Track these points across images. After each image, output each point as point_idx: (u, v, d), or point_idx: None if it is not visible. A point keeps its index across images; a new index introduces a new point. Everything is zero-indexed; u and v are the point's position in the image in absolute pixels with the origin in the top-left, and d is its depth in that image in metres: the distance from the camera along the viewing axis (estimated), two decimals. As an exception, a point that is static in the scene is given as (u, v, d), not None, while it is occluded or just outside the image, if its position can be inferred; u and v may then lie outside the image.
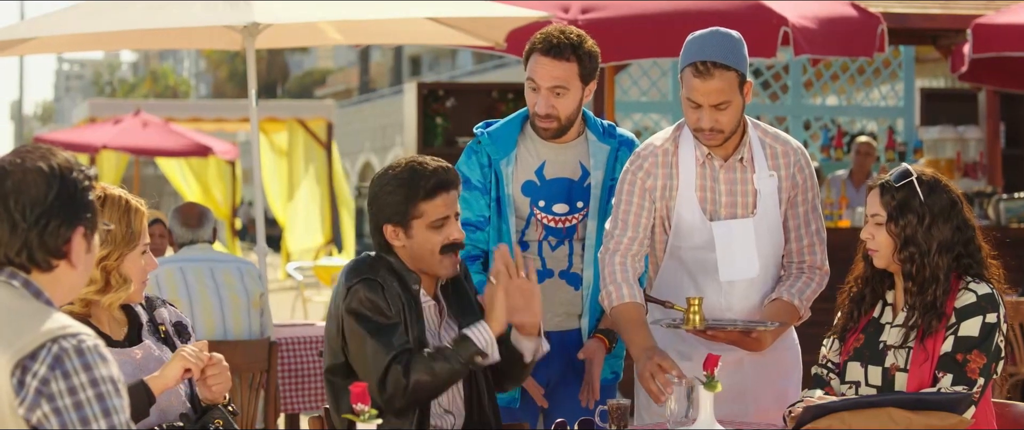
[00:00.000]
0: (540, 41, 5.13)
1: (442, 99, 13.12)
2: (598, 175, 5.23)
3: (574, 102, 5.15)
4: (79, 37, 8.12)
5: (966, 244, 4.49)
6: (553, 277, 5.23)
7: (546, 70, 5.11)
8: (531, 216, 5.22)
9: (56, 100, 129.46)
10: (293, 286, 20.16)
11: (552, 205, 5.22)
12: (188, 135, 20.98)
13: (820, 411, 4.17)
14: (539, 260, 5.23)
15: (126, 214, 4.08)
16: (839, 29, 10.04)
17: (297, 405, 7.62)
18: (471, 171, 5.24)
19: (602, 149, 5.25)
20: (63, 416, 2.67)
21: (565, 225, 5.23)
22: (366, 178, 43.73)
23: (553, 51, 5.10)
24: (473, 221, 5.21)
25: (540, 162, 5.23)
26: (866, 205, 4.59)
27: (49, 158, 2.89)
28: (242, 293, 7.09)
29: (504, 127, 5.27)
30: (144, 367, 4.09)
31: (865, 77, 13.76)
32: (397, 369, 4.33)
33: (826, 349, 4.67)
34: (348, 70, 66.13)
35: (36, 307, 2.81)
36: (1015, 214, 11.04)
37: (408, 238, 4.48)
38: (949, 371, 4.35)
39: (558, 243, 5.23)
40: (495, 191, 5.21)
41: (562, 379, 5.25)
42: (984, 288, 4.44)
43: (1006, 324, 4.46)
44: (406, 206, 4.46)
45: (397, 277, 4.50)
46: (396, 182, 4.47)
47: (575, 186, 5.24)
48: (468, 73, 44.16)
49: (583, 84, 5.14)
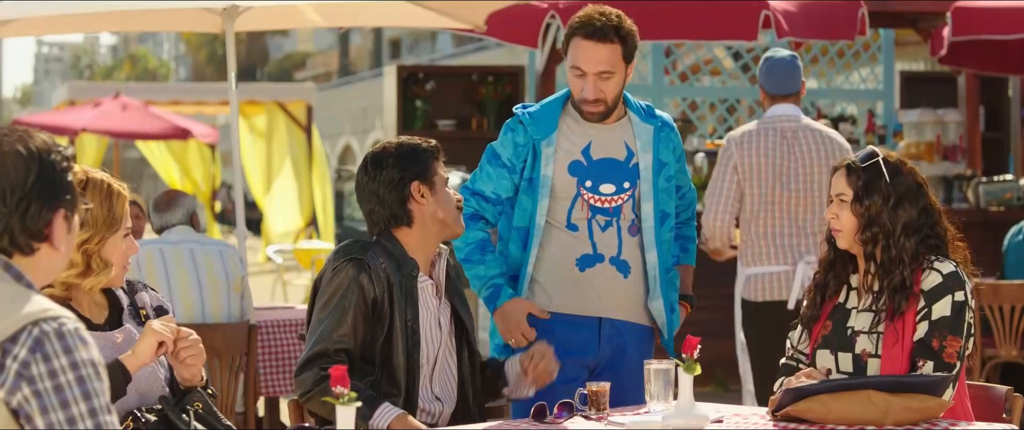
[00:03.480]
0: (581, 25, 5.11)
1: (422, 82, 13.11)
2: (646, 157, 5.21)
3: (619, 84, 5.15)
4: (58, 19, 8.08)
5: (932, 226, 4.50)
6: (604, 262, 5.21)
7: (591, 54, 5.09)
8: (577, 196, 5.19)
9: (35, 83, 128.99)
10: (273, 269, 20.14)
11: (599, 185, 5.19)
12: (168, 118, 20.92)
13: (800, 394, 4.18)
14: (590, 244, 5.20)
15: (108, 197, 4.07)
16: (820, 12, 10.06)
17: (277, 388, 7.62)
18: (503, 148, 5.23)
19: (646, 130, 5.24)
20: (43, 399, 2.67)
21: (612, 205, 5.19)
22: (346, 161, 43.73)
23: (597, 34, 5.08)
24: (488, 195, 5.23)
25: (586, 143, 5.20)
26: (830, 185, 4.60)
27: (27, 141, 2.88)
28: (222, 276, 7.07)
29: (546, 108, 5.25)
30: (124, 351, 4.08)
31: (845, 60, 13.76)
32: (317, 371, 4.46)
33: (793, 340, 4.68)
34: (328, 53, 65.98)
35: (17, 290, 2.80)
36: (994, 197, 11.07)
37: (433, 194, 4.64)
38: (928, 358, 4.36)
39: (607, 223, 5.20)
40: (529, 171, 5.19)
41: (610, 365, 5.21)
42: (948, 266, 4.44)
43: (974, 300, 4.47)
44: (429, 163, 4.68)
45: (393, 261, 4.55)
46: (411, 145, 4.69)
47: (622, 166, 5.21)
48: (448, 56, 44.09)
49: (626, 65, 5.15)
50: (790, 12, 9.75)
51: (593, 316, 5.20)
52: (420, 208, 4.63)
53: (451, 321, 4.73)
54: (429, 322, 4.63)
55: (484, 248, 5.19)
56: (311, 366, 4.47)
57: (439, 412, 4.64)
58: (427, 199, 4.64)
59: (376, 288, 4.51)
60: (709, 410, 4.38)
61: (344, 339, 4.49)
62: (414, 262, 4.62)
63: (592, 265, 5.18)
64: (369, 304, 4.51)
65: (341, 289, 4.52)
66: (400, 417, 4.38)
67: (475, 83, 13.14)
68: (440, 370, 4.67)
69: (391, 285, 4.53)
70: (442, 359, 4.68)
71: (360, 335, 4.50)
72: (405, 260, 4.60)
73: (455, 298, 4.75)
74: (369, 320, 4.51)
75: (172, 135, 20.75)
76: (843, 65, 13.87)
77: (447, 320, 4.71)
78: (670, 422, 4.21)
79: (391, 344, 4.53)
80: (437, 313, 4.66)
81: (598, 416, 4.41)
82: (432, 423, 4.61)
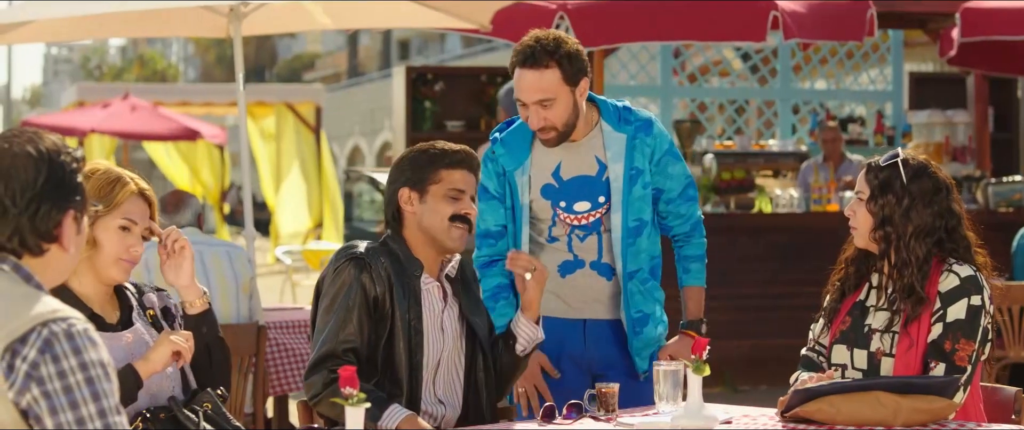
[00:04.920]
0: (518, 53, 4.99)
1: (431, 83, 13.13)
2: (616, 168, 5.12)
3: (566, 108, 5.00)
4: (65, 27, 8.11)
5: (949, 231, 4.49)
6: (584, 267, 5.19)
7: (528, 83, 4.97)
8: (554, 217, 5.17)
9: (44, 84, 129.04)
10: (282, 270, 20.14)
11: (573, 204, 5.15)
12: (176, 119, 20.95)
13: (809, 395, 4.18)
14: (570, 253, 5.18)
15: (111, 182, 4.11)
16: (829, 13, 10.07)
17: (286, 388, 7.62)
18: (488, 180, 5.19)
19: (618, 139, 5.14)
20: (52, 399, 2.67)
21: (589, 221, 5.16)
22: (355, 162, 43.75)
23: (531, 61, 4.95)
24: (493, 231, 5.21)
25: (556, 164, 5.15)
26: (857, 183, 4.63)
27: (37, 142, 2.88)
28: (231, 277, 7.08)
29: (516, 134, 5.18)
30: (134, 351, 4.09)
31: (854, 61, 13.75)
32: (326, 374, 4.45)
33: (815, 331, 4.68)
34: (337, 54, 66.02)
35: (26, 291, 2.80)
36: (1003, 198, 11.07)
37: (421, 203, 4.58)
38: (940, 359, 4.36)
39: (585, 235, 5.18)
40: (509, 200, 5.18)
41: (604, 365, 5.20)
42: (967, 270, 4.44)
43: (992, 305, 4.47)
44: (427, 170, 4.59)
45: (396, 260, 4.55)
46: (422, 149, 4.64)
47: (594, 182, 5.15)
48: (457, 57, 44.12)
49: (571, 86, 4.99)
50: (799, 13, 9.76)
51: (577, 318, 5.23)
52: (409, 215, 4.63)
53: (462, 326, 4.71)
54: (432, 324, 4.61)
55: (497, 296, 5.19)
56: (320, 368, 4.47)
57: (442, 415, 4.63)
58: (414, 207, 4.60)
59: (377, 286, 4.51)
60: (718, 411, 4.38)
61: (351, 338, 4.48)
62: (418, 262, 4.60)
63: (572, 271, 5.19)
64: (371, 302, 4.51)
65: (344, 288, 4.51)
66: (409, 418, 4.37)
67: (484, 84, 13.16)
68: (445, 373, 4.66)
69: (392, 284, 4.52)
70: (448, 362, 4.66)
71: (365, 333, 4.50)
72: (409, 260, 4.59)
73: (468, 304, 4.73)
74: (372, 319, 4.51)
75: (181, 136, 20.77)
76: (852, 66, 13.87)
77: (454, 324, 4.68)
78: (679, 423, 4.21)
79: (393, 343, 4.53)
80: (442, 316, 4.64)
81: (607, 417, 4.41)
82: (434, 426, 4.60)
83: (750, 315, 10.12)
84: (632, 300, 5.19)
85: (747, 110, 13.90)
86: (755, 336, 9.96)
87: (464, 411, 4.69)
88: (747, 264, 10.25)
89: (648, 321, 5.21)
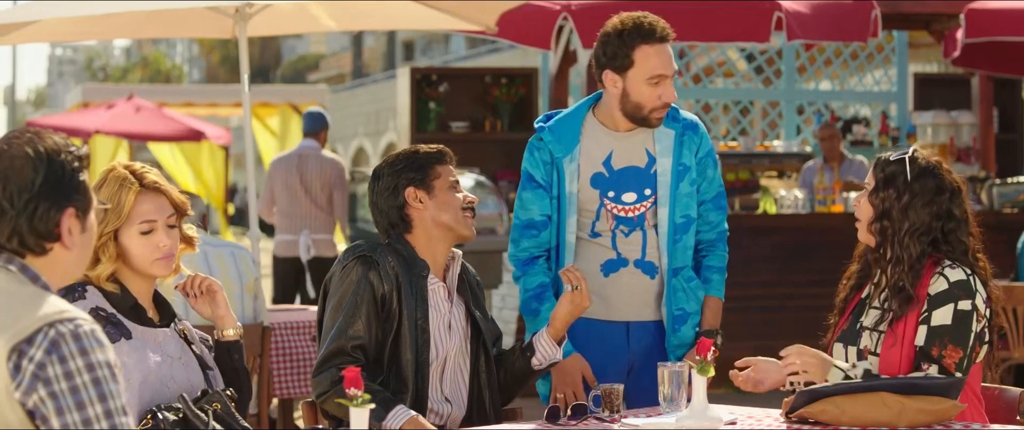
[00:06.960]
0: (648, 32, 5.03)
1: (435, 84, 13.11)
2: (665, 162, 5.12)
3: None
4: (70, 28, 8.11)
5: (947, 234, 4.49)
6: (628, 266, 5.16)
7: (668, 55, 5.05)
8: (601, 208, 5.14)
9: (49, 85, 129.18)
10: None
11: (621, 194, 5.12)
12: (181, 120, 20.93)
13: (813, 396, 4.18)
14: (613, 250, 5.15)
15: (118, 190, 4.13)
16: (833, 14, 10.06)
17: (291, 390, 7.62)
18: (535, 168, 5.15)
19: (667, 134, 5.14)
20: (59, 400, 2.68)
21: (635, 214, 5.13)
22: (359, 163, 43.74)
23: (663, 36, 5.05)
24: (536, 221, 5.16)
25: (607, 153, 5.13)
26: (867, 175, 4.65)
27: (36, 142, 2.89)
28: (236, 278, 7.08)
29: (566, 121, 5.16)
30: (163, 349, 4.11)
31: (858, 62, 13.75)
32: (333, 372, 4.47)
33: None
34: (341, 55, 66.02)
35: (33, 292, 2.81)
36: (1008, 199, 11.06)
37: (431, 198, 4.65)
38: (931, 363, 4.36)
39: (630, 231, 5.14)
40: (556, 189, 5.14)
41: (643, 367, 5.16)
42: (958, 274, 4.42)
43: (988, 309, 4.45)
44: (427, 168, 4.67)
45: (402, 260, 4.57)
46: (408, 153, 4.72)
47: (643, 174, 5.14)
48: (461, 58, 44.12)
49: None
50: (802, 14, 9.75)
51: (620, 321, 5.19)
52: (418, 213, 4.65)
53: (467, 326, 4.73)
54: (439, 323, 4.63)
55: (542, 297, 5.13)
56: (328, 366, 4.49)
57: (448, 413, 4.65)
58: (425, 204, 4.65)
59: (385, 285, 4.54)
60: (722, 412, 4.38)
61: (359, 335, 4.50)
62: (424, 263, 4.63)
63: (616, 270, 5.14)
64: (379, 301, 4.53)
65: (352, 286, 4.54)
66: (412, 419, 4.39)
67: (488, 85, 13.14)
68: (451, 372, 4.68)
69: (400, 283, 4.55)
70: (454, 362, 4.68)
71: (373, 331, 4.52)
72: (415, 261, 4.62)
73: (473, 305, 4.74)
74: (379, 317, 4.53)
75: (185, 137, 20.75)
76: (856, 67, 13.87)
77: (460, 324, 4.71)
78: (684, 423, 4.21)
79: (400, 342, 4.55)
80: (448, 316, 4.67)
81: (612, 417, 4.41)
82: (440, 425, 4.62)
83: (754, 316, 10.12)
84: (675, 297, 5.16)
85: (751, 111, 13.89)
86: (759, 337, 9.95)
87: (469, 410, 4.71)
88: (751, 265, 10.24)
89: (687, 320, 5.18)
